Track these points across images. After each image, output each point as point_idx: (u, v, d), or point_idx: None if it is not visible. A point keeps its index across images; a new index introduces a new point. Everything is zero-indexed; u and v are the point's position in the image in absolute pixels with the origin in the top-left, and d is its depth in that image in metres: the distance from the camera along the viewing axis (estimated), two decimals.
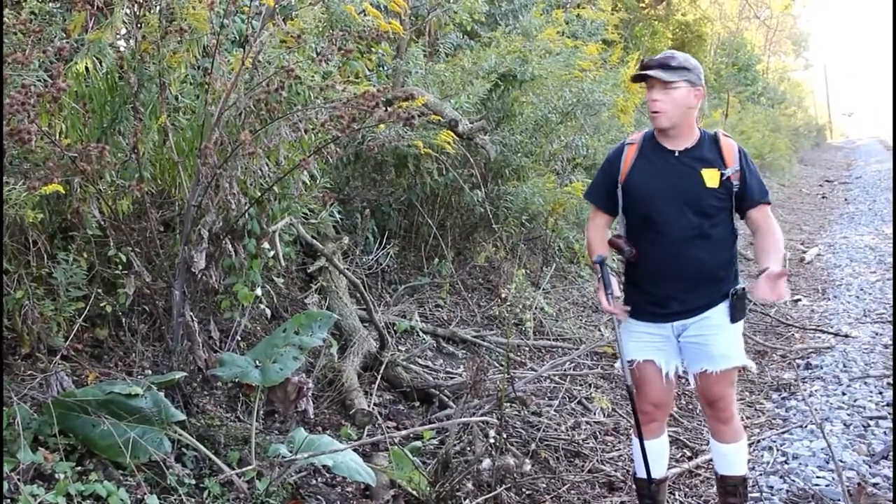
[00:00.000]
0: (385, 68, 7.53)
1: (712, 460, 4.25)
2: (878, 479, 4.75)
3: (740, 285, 3.76)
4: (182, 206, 4.39)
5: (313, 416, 4.56)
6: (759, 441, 5.41)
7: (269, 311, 5.02)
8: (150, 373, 4.36)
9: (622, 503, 4.57)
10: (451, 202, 7.82)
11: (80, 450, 3.59)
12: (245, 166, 4.08)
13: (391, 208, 7.34)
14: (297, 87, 4.47)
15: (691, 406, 5.96)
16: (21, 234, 3.96)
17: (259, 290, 4.65)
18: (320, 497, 4.08)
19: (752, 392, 6.45)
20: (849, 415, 5.76)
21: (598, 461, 4.98)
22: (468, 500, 4.17)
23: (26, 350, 4.04)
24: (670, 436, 5.00)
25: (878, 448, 5.18)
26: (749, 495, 4.31)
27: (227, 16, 4.35)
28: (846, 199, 20.27)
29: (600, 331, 7.57)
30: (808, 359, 7.23)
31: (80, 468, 3.48)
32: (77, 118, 4.06)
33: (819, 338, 7.91)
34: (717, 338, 3.77)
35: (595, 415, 5.68)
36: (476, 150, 7.28)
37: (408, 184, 7.30)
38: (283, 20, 4.66)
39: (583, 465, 4.93)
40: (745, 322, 7.97)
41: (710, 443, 4.12)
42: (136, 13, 4.22)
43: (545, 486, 4.61)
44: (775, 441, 5.39)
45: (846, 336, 7.82)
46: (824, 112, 66.74)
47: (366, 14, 6.06)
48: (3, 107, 3.25)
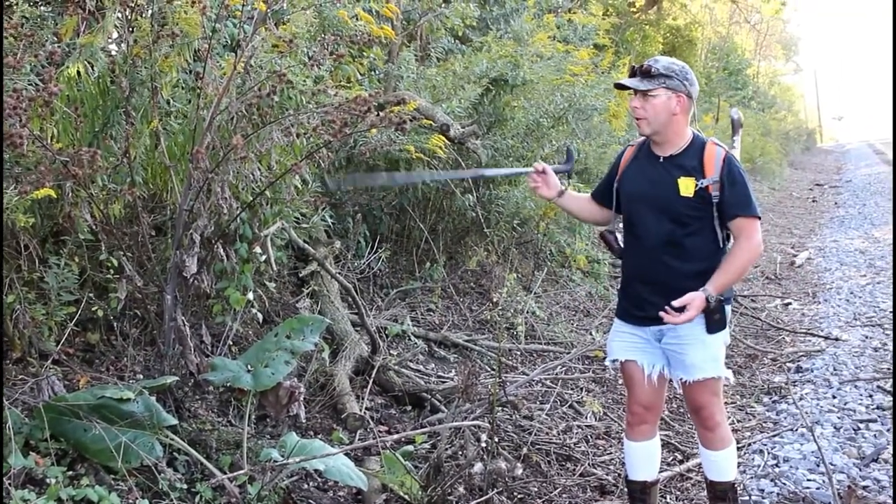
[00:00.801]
0: (377, 73, 7.53)
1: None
2: (869, 482, 4.77)
3: (713, 296, 3.65)
4: (174, 210, 4.38)
5: (305, 421, 4.57)
6: (749, 444, 5.42)
7: (260, 316, 5.02)
8: (141, 377, 4.35)
9: None
10: (442, 206, 7.82)
11: (72, 454, 3.58)
12: (237, 171, 4.09)
13: (383, 212, 7.35)
14: (288, 91, 4.47)
15: (682, 409, 5.97)
16: (12, 239, 3.96)
17: (251, 295, 4.65)
18: (312, 501, 4.08)
19: (743, 395, 6.46)
20: (839, 418, 5.78)
21: (589, 465, 4.99)
22: None
23: (17, 354, 4.03)
24: (662, 439, 5.01)
25: (869, 451, 5.20)
26: (739, 499, 4.33)
27: (219, 20, 4.36)
28: (836, 203, 20.33)
29: (591, 335, 7.58)
30: (799, 362, 7.26)
31: (71, 473, 3.47)
32: (69, 122, 4.05)
33: (809, 341, 7.93)
34: (691, 348, 3.77)
35: (586, 418, 5.69)
36: (467, 155, 7.29)
37: (399, 188, 7.30)
38: (275, 25, 4.67)
39: (574, 469, 4.94)
40: (737, 326, 8.10)
41: (699, 448, 4.14)
42: (128, 17, 4.21)
43: (537, 489, 4.61)
44: (766, 444, 5.41)
45: (836, 339, 7.84)
46: (814, 116, 67.00)
47: (357, 19, 6.07)
48: (2, 108, 3.26)
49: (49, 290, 3.98)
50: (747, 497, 4.65)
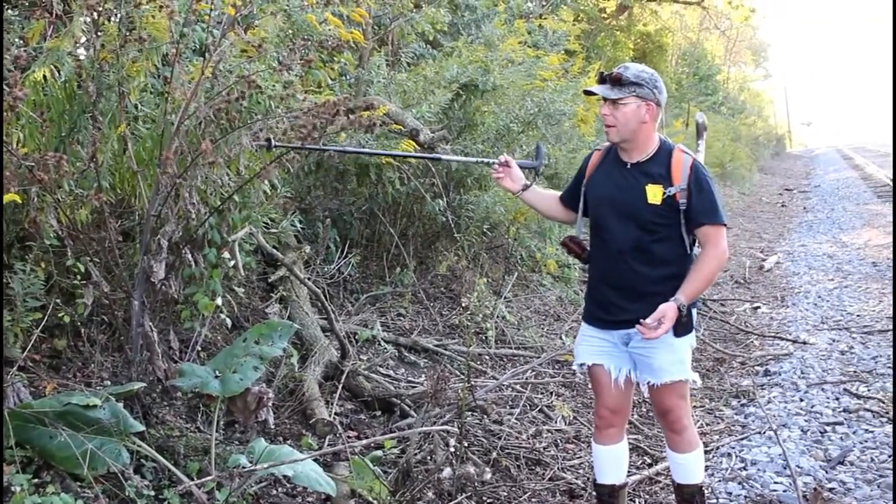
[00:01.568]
0: (347, 77, 7.53)
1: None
2: (835, 485, 4.82)
3: (685, 305, 3.66)
4: (141, 215, 4.36)
5: (273, 427, 4.56)
6: (717, 447, 5.46)
7: (229, 321, 5.00)
8: (108, 383, 4.32)
9: None
10: (412, 211, 7.83)
11: (37, 462, 3.55)
12: (205, 176, 4.07)
13: (353, 217, 7.34)
14: (257, 96, 4.46)
15: (651, 413, 5.99)
16: None
17: (219, 300, 4.62)
18: None
19: (712, 399, 6.50)
20: (806, 421, 5.83)
21: (559, 469, 5.00)
22: None
23: None
24: (630, 443, 5.04)
25: (835, 453, 5.25)
26: (707, 502, 4.36)
27: (187, 25, 4.34)
28: (805, 208, 20.52)
29: (562, 339, 7.61)
30: (767, 366, 7.31)
31: (37, 480, 3.44)
32: (34, 127, 4.02)
33: (778, 345, 8.00)
34: (658, 351, 3.78)
35: (556, 423, 5.71)
36: (437, 160, 7.29)
37: (369, 193, 7.30)
38: (244, 29, 4.66)
39: (544, 474, 4.95)
40: (706, 330, 8.15)
41: (666, 451, 4.16)
42: (95, 22, 4.19)
43: (506, 494, 4.62)
44: (734, 447, 5.44)
45: (804, 343, 7.91)
46: (784, 121, 67.57)
47: (327, 23, 6.06)
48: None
49: (14, 296, 3.95)
50: (715, 500, 4.68)
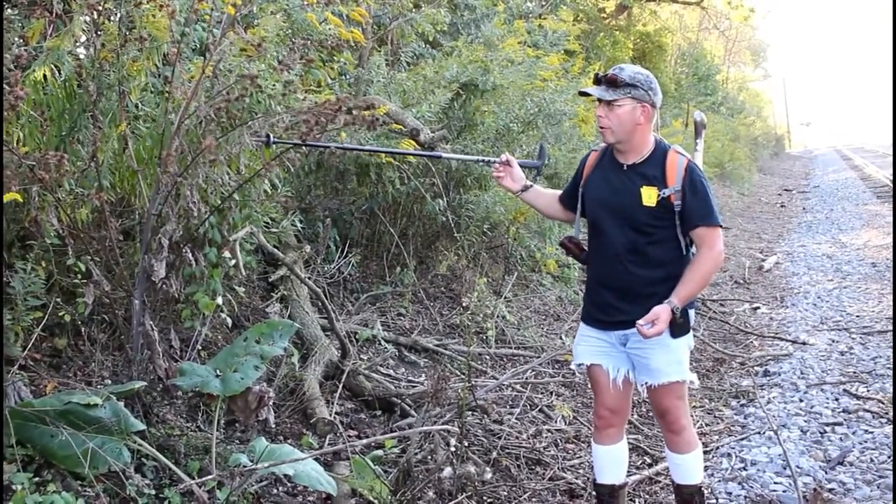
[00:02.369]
0: (347, 77, 7.53)
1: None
2: (835, 485, 4.82)
3: (679, 307, 3.66)
4: (142, 214, 4.36)
5: (274, 426, 4.56)
6: (717, 448, 5.46)
7: (229, 321, 4.99)
8: (109, 382, 4.32)
9: None
10: (412, 211, 7.83)
11: (38, 460, 3.55)
12: (206, 175, 4.07)
13: (353, 217, 7.33)
14: (257, 95, 4.46)
15: (651, 413, 5.99)
16: None
17: (220, 300, 4.62)
18: None
19: (712, 399, 6.50)
20: (806, 421, 5.83)
21: (559, 469, 5.00)
22: None
23: None
24: (630, 443, 5.05)
25: (835, 454, 5.25)
26: (706, 502, 4.36)
27: (188, 24, 4.34)
28: (804, 208, 20.52)
29: (561, 339, 7.61)
30: (767, 366, 7.31)
31: (37, 479, 3.44)
32: (35, 126, 4.02)
33: (777, 345, 7.99)
34: (654, 352, 3.78)
35: (556, 423, 5.71)
36: (437, 160, 7.29)
37: (370, 192, 7.29)
38: (245, 29, 4.66)
39: (544, 473, 4.95)
40: (705, 330, 8.15)
41: (665, 452, 4.16)
42: (96, 21, 4.19)
43: (506, 494, 4.62)
44: (734, 448, 5.44)
45: (804, 343, 7.91)
46: (783, 122, 67.57)
47: (327, 23, 6.07)
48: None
49: (15, 295, 3.95)
50: (714, 500, 4.68)
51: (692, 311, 3.86)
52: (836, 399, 6.28)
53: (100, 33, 4.12)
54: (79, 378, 4.36)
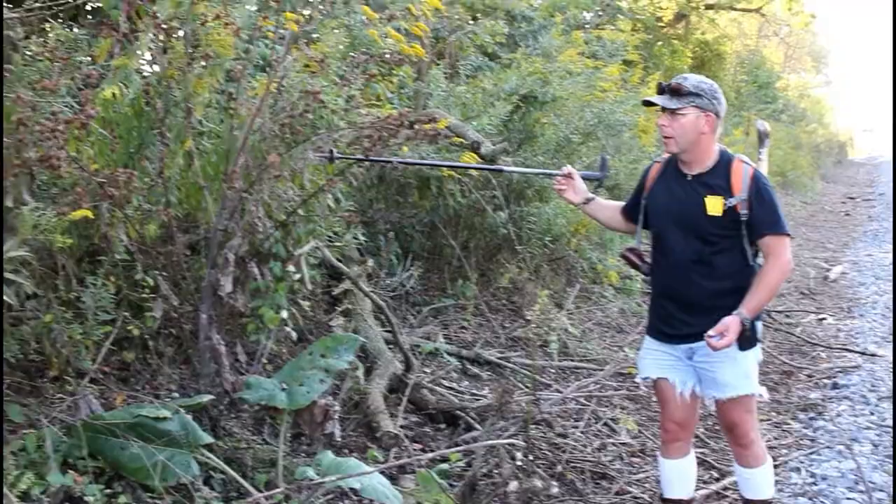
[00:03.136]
0: (406, 90, 7.56)
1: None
2: None
3: (748, 318, 3.61)
4: (207, 229, 4.41)
5: (340, 439, 4.56)
6: (786, 462, 5.36)
7: (294, 334, 5.02)
8: (176, 395, 4.37)
9: None
10: (473, 224, 7.82)
11: (109, 472, 3.61)
12: (270, 190, 4.11)
13: (414, 230, 7.35)
14: (320, 110, 4.50)
15: (718, 426, 5.91)
16: (49, 259, 3.99)
17: (284, 313, 4.66)
18: None
19: (779, 412, 6.39)
20: (877, 435, 5.71)
21: (625, 483, 4.94)
22: None
23: (55, 373, 4.06)
24: (697, 456, 4.97)
25: None
26: None
27: (252, 41, 4.39)
28: (870, 217, 20.16)
29: (625, 351, 7.54)
30: (835, 378, 7.16)
31: (109, 491, 3.49)
32: (104, 144, 4.10)
33: (845, 357, 7.84)
34: (722, 366, 3.73)
35: (621, 436, 5.65)
36: (498, 172, 7.29)
37: (431, 206, 7.31)
38: (306, 44, 4.70)
39: (609, 487, 4.90)
40: (771, 342, 8.02)
41: (734, 466, 4.10)
42: (162, 39, 4.25)
43: None
44: (803, 462, 5.34)
45: (873, 355, 7.74)
46: (845, 128, 66.47)
47: (387, 37, 6.09)
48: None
49: (86, 310, 4.02)
50: None
51: (759, 323, 3.81)
52: None
53: (166, 51, 4.17)
54: (147, 391, 4.42)
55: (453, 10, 9.22)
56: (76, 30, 4.41)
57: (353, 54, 4.99)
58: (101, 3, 4.65)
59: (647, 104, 3.86)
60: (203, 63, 4.17)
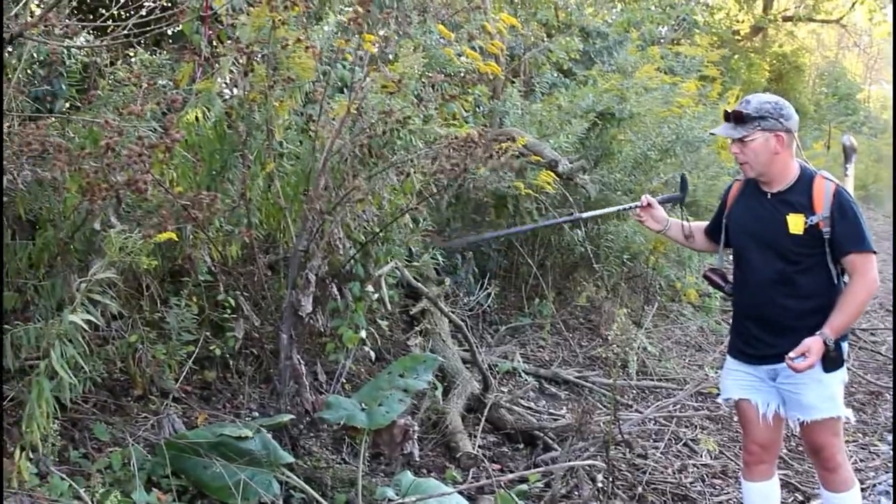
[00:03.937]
0: (481, 109, 7.56)
1: None
2: None
3: (832, 339, 3.50)
4: (287, 250, 4.46)
5: (418, 459, 4.56)
6: (874, 485, 5.22)
7: (373, 354, 5.05)
8: (257, 415, 4.42)
9: None
10: (550, 242, 7.80)
11: (192, 491, 3.66)
12: (351, 211, 4.14)
13: (491, 249, 7.35)
14: (399, 131, 4.52)
15: (801, 448, 5.78)
16: (134, 280, 4.07)
17: (363, 333, 4.68)
18: None
19: (866, 434, 6.23)
20: None
21: None
22: None
23: (139, 392, 4.14)
24: (781, 479, 4.87)
25: None
26: None
27: (331, 63, 4.43)
28: None
29: (704, 370, 7.43)
30: None
31: None
32: (188, 167, 4.17)
33: None
34: (807, 388, 3.63)
35: (702, 457, 5.56)
36: (575, 189, 7.24)
37: (507, 224, 7.30)
38: (384, 65, 4.73)
39: None
40: (856, 361, 7.84)
41: (820, 490, 4.00)
42: (243, 63, 4.31)
43: None
44: (892, 485, 5.20)
45: None
46: None
47: (463, 56, 6.11)
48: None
49: (169, 330, 4.08)
50: None
51: (845, 344, 3.71)
52: None
53: (247, 74, 4.24)
54: (227, 410, 4.47)
55: (528, 28, 9.21)
56: (159, 55, 4.49)
57: (429, 74, 5.03)
58: (184, 29, 4.75)
59: (716, 135, 3.82)
60: (283, 86, 4.21)
